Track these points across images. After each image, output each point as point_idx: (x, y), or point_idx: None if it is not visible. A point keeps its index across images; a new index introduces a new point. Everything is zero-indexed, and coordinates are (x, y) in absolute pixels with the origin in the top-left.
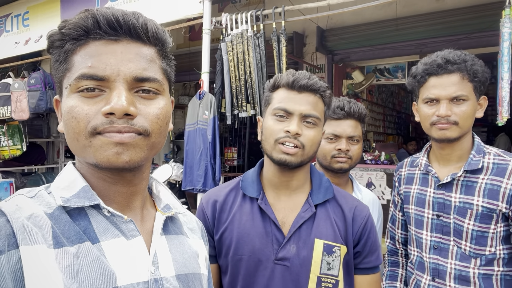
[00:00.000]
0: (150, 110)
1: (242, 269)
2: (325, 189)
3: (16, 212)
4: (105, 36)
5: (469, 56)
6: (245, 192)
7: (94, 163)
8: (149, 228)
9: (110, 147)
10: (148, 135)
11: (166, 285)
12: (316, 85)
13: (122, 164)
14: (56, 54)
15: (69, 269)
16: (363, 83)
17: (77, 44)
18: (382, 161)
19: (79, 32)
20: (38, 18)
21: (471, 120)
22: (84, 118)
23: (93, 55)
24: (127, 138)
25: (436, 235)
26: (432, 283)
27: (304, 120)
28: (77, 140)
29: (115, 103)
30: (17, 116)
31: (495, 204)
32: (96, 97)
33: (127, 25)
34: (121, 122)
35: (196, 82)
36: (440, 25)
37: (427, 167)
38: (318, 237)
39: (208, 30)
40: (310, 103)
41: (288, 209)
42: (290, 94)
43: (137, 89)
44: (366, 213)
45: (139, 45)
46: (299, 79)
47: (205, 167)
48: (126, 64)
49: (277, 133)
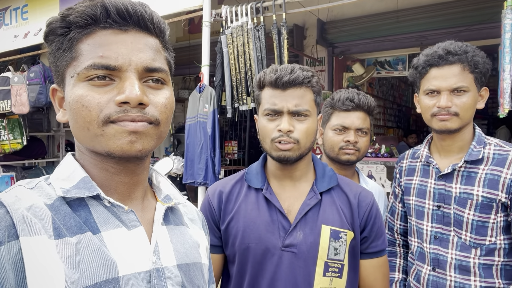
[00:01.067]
0: (158, 99)
1: (250, 257)
2: (329, 178)
3: (15, 203)
4: (114, 26)
5: (470, 47)
6: (250, 184)
7: (106, 151)
8: (150, 219)
9: (124, 135)
10: (158, 124)
11: (167, 275)
12: (299, 78)
13: (135, 153)
14: (57, 42)
15: (70, 260)
16: (363, 76)
17: (84, 33)
18: (382, 154)
19: (87, 20)
20: (37, 11)
21: (472, 111)
22: (96, 106)
23: (103, 45)
24: (140, 127)
25: (437, 226)
26: (432, 273)
27: (294, 115)
28: (87, 129)
29: (130, 92)
30: (17, 110)
31: (495, 194)
32: (107, 85)
33: (136, 15)
34: (135, 111)
35: (196, 75)
36: (441, 17)
37: (428, 158)
38: (325, 223)
39: (208, 23)
40: (297, 97)
41: (294, 198)
42: (275, 93)
43: (146, 79)
44: (371, 199)
45: (146, 35)
46: (282, 77)
47: (206, 160)
48: (137, 54)
49: (271, 133)
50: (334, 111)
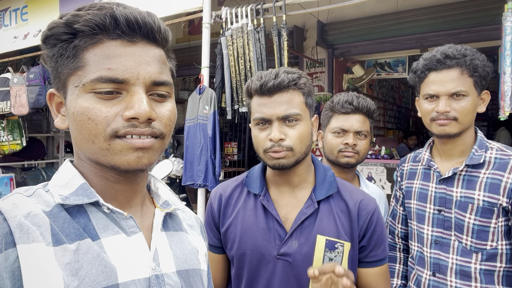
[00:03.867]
0: (163, 113)
1: (246, 263)
2: (329, 184)
3: (13, 211)
4: (123, 37)
5: (469, 50)
6: (248, 189)
7: (111, 165)
8: (149, 225)
9: (131, 151)
10: (163, 137)
11: (167, 281)
12: (284, 82)
13: (141, 167)
14: (60, 48)
15: (70, 266)
16: (363, 78)
17: (90, 42)
18: (382, 155)
19: (95, 30)
20: (37, 13)
21: (472, 115)
22: (104, 120)
23: (111, 57)
24: (148, 143)
25: (437, 230)
26: (432, 278)
27: (285, 121)
28: (92, 142)
29: (139, 108)
30: (16, 111)
31: (496, 198)
32: (113, 99)
33: (146, 27)
34: (143, 126)
35: (196, 76)
36: (441, 19)
37: (429, 162)
38: (320, 233)
39: (208, 24)
40: (284, 102)
41: (291, 206)
42: (262, 100)
43: (152, 92)
44: (372, 207)
45: (153, 47)
46: (266, 83)
47: (206, 162)
48: (145, 67)
49: (263, 143)
50: (334, 114)
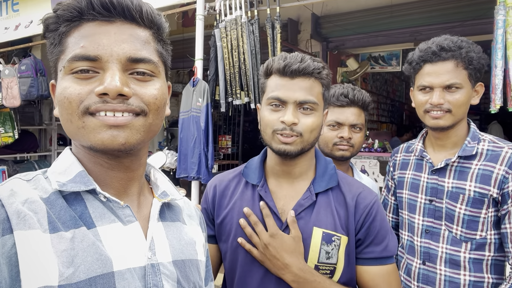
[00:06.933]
0: (146, 90)
1: (240, 256)
2: (329, 177)
3: (10, 197)
4: (99, 17)
5: (465, 42)
6: (246, 179)
7: (88, 145)
8: (146, 214)
9: (104, 129)
10: (145, 115)
11: (162, 271)
12: (309, 68)
13: (118, 146)
14: (51, 38)
15: (65, 254)
16: (357, 71)
17: (71, 26)
18: (375, 149)
19: (72, 13)
20: (28, 3)
21: (465, 107)
22: (77, 98)
23: (86, 36)
24: (122, 120)
25: (428, 220)
26: (422, 266)
27: (300, 107)
28: (70, 121)
29: (108, 83)
30: (8, 103)
31: (486, 189)
32: (90, 78)
33: (120, 6)
34: (115, 102)
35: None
36: (434, 13)
37: (422, 153)
38: (317, 226)
39: (201, 16)
40: (304, 88)
41: (289, 197)
42: (282, 81)
43: (132, 71)
44: (371, 200)
45: (133, 26)
46: (291, 64)
47: (199, 154)
48: (120, 44)
49: (273, 124)
50: (329, 107)
